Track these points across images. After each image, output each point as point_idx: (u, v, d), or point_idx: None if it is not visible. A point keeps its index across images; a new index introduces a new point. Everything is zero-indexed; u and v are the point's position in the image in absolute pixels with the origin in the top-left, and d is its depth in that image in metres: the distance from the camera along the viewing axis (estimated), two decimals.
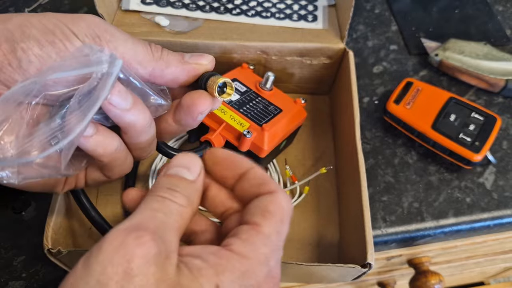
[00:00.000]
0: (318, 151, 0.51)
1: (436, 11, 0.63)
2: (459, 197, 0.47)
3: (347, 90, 0.45)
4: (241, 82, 0.45)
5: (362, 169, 0.39)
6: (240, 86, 0.45)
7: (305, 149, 0.51)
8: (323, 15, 0.52)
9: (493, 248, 0.69)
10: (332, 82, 0.53)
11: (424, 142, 0.48)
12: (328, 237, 0.46)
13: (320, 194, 0.48)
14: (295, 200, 0.47)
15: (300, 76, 0.52)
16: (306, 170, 0.49)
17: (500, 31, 0.60)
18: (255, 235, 0.21)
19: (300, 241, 0.45)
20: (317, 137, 0.52)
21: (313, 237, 0.45)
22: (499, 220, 0.46)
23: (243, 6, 0.52)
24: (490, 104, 0.53)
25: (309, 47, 0.48)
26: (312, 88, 0.54)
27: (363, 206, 0.37)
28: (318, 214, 0.47)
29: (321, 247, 0.45)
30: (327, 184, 0.48)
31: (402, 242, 0.46)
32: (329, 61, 0.49)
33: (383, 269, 0.69)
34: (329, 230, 0.46)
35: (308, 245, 0.45)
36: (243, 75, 0.46)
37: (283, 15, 0.52)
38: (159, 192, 0.22)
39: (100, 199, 0.47)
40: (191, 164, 0.24)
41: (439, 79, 0.56)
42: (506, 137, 0.51)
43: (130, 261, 0.18)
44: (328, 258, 0.44)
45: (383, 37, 0.60)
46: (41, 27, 0.25)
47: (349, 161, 0.43)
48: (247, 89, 0.45)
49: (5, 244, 0.43)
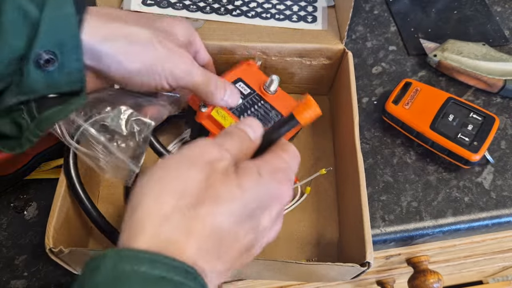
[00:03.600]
0: (318, 151, 0.51)
1: (434, 12, 0.63)
2: (457, 196, 0.47)
3: (346, 91, 0.46)
4: (245, 83, 0.45)
5: (361, 169, 0.40)
6: (244, 88, 0.45)
7: (305, 149, 0.51)
8: (323, 16, 0.52)
9: (491, 247, 0.69)
10: (331, 83, 0.53)
11: (422, 142, 0.49)
12: (328, 236, 0.46)
13: (319, 193, 0.48)
14: (297, 200, 0.47)
15: (300, 77, 0.52)
16: (306, 170, 0.50)
17: (498, 31, 0.60)
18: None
19: (300, 240, 0.46)
20: (317, 137, 0.52)
21: (313, 236, 0.46)
22: (498, 220, 0.46)
23: (243, 7, 0.53)
24: (488, 104, 0.54)
25: (309, 48, 0.48)
26: (311, 88, 0.54)
27: (362, 206, 0.38)
28: (317, 214, 0.47)
29: (321, 246, 0.45)
30: (326, 184, 0.49)
31: (401, 241, 0.46)
32: (329, 62, 0.50)
33: (382, 268, 0.69)
34: (329, 229, 0.46)
35: (308, 244, 0.45)
36: (248, 74, 0.46)
37: (283, 16, 0.52)
38: (241, 126, 0.28)
39: (101, 197, 0.47)
40: (257, 128, 0.28)
41: (437, 80, 0.56)
42: (504, 137, 0.51)
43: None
44: (327, 257, 0.45)
45: (382, 38, 0.60)
46: None
47: (349, 162, 0.43)
48: (250, 91, 0.45)
49: (7, 243, 0.43)
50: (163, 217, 0.22)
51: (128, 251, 0.21)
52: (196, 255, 0.22)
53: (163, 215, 0.22)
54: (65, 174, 0.38)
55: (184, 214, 0.22)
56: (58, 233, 0.37)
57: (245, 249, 0.25)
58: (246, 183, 0.24)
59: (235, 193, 0.23)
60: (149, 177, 0.24)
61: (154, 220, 0.22)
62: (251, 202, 0.24)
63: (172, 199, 0.22)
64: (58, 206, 0.37)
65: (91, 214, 0.38)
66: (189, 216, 0.22)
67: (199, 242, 0.22)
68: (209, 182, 0.23)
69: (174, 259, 0.21)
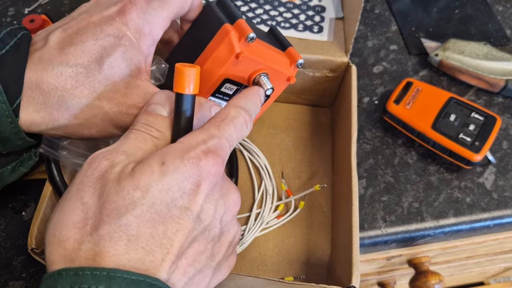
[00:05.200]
0: (315, 164, 0.50)
1: (436, 11, 0.63)
2: (459, 197, 0.47)
3: (347, 106, 0.45)
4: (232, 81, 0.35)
5: (354, 189, 0.38)
6: (231, 88, 0.36)
7: (302, 161, 0.50)
8: (329, 27, 0.51)
9: (493, 248, 0.69)
10: (334, 95, 0.53)
11: (424, 142, 0.48)
12: (319, 254, 0.45)
13: (314, 209, 0.47)
14: (290, 214, 0.46)
15: (302, 87, 0.51)
16: (302, 183, 0.49)
17: (500, 31, 0.60)
18: None
19: (289, 256, 0.44)
20: (316, 150, 0.51)
21: (303, 253, 0.45)
22: (499, 220, 0.46)
23: (249, 13, 0.52)
24: (490, 104, 0.53)
25: (312, 59, 0.47)
26: (314, 100, 0.53)
27: (352, 227, 0.36)
28: (310, 230, 0.46)
29: (310, 264, 0.44)
30: (322, 199, 0.48)
31: (402, 242, 0.46)
32: (332, 74, 0.49)
33: (383, 269, 0.69)
34: (320, 247, 0.45)
35: (297, 261, 0.44)
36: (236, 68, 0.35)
37: (289, 25, 0.51)
38: (137, 127, 0.26)
39: None
40: (167, 102, 0.27)
41: (439, 79, 0.56)
42: (506, 137, 0.51)
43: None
44: (316, 275, 0.44)
45: (383, 37, 0.60)
46: None
47: (343, 179, 0.42)
48: (238, 87, 0.36)
49: (5, 244, 0.43)
50: (73, 252, 0.21)
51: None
52: (122, 257, 0.21)
53: (72, 249, 0.21)
54: (50, 182, 0.38)
55: (89, 241, 0.21)
56: (42, 233, 0.36)
57: (198, 255, 0.23)
58: (143, 181, 0.22)
59: (133, 196, 0.22)
60: (53, 212, 0.23)
61: (67, 255, 0.21)
62: (160, 200, 0.22)
63: (76, 231, 0.21)
64: (44, 207, 0.37)
65: None
66: (95, 241, 0.21)
67: (117, 262, 0.21)
68: (102, 199, 0.22)
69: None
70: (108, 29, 0.28)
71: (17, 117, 0.27)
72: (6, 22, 0.59)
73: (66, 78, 0.27)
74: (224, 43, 0.31)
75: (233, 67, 0.32)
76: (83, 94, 0.27)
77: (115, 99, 0.28)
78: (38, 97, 0.27)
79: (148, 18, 0.29)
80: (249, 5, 0.54)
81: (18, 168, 0.31)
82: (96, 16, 0.29)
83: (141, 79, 0.29)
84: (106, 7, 0.29)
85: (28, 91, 0.27)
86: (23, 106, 0.27)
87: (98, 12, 0.29)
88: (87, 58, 0.27)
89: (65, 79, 0.27)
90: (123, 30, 0.28)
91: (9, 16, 0.60)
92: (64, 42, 0.28)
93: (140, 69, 0.30)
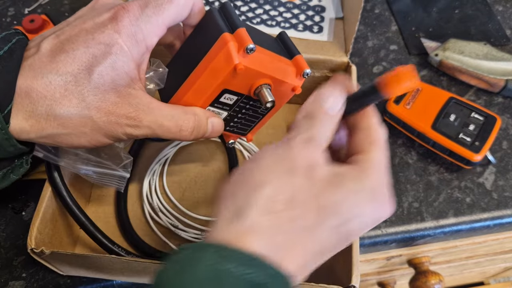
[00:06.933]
0: None
1: (436, 11, 0.63)
2: (459, 197, 0.47)
3: None
4: (231, 91, 0.33)
5: None
6: (230, 98, 0.34)
7: None
8: (329, 27, 0.51)
9: (493, 248, 0.69)
10: None
11: (424, 142, 0.48)
12: None
13: None
14: None
15: (302, 87, 0.51)
16: None
17: (500, 31, 0.60)
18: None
19: None
20: None
21: None
22: (499, 220, 0.46)
23: (248, 13, 0.52)
24: (490, 104, 0.53)
25: (312, 58, 0.47)
26: None
27: None
28: None
29: None
30: None
31: (402, 242, 0.46)
32: (332, 74, 0.49)
33: (383, 269, 0.69)
34: None
35: None
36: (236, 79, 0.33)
37: (289, 25, 0.51)
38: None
39: (93, 198, 0.47)
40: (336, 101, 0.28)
41: (439, 79, 0.56)
42: (506, 137, 0.51)
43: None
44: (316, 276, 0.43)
45: (383, 37, 0.60)
46: None
47: None
48: (238, 97, 0.34)
49: (5, 244, 0.43)
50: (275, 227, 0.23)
51: (232, 251, 0.22)
52: (296, 271, 0.23)
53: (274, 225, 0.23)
54: (51, 184, 0.38)
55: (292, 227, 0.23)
56: (42, 234, 0.36)
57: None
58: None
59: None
60: (247, 175, 0.25)
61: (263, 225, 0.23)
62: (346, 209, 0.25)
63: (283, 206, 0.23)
64: (43, 207, 0.37)
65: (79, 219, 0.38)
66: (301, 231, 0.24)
67: (304, 259, 0.24)
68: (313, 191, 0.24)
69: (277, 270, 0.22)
70: (99, 36, 0.28)
71: (8, 123, 0.27)
72: (6, 22, 0.59)
73: (55, 87, 0.27)
74: (222, 53, 0.30)
75: (231, 78, 0.31)
76: (72, 104, 0.27)
77: (104, 109, 0.28)
78: (27, 105, 0.27)
79: (141, 25, 0.29)
80: (249, 5, 0.54)
81: (8, 175, 0.30)
82: (89, 23, 0.28)
83: (134, 88, 0.29)
84: (99, 14, 0.29)
85: (18, 98, 0.27)
86: (14, 113, 0.27)
87: (91, 19, 0.28)
88: (77, 67, 0.27)
89: (54, 88, 0.27)
90: (114, 38, 0.28)
91: (9, 16, 0.60)
92: (56, 49, 0.27)
93: (132, 77, 0.29)
